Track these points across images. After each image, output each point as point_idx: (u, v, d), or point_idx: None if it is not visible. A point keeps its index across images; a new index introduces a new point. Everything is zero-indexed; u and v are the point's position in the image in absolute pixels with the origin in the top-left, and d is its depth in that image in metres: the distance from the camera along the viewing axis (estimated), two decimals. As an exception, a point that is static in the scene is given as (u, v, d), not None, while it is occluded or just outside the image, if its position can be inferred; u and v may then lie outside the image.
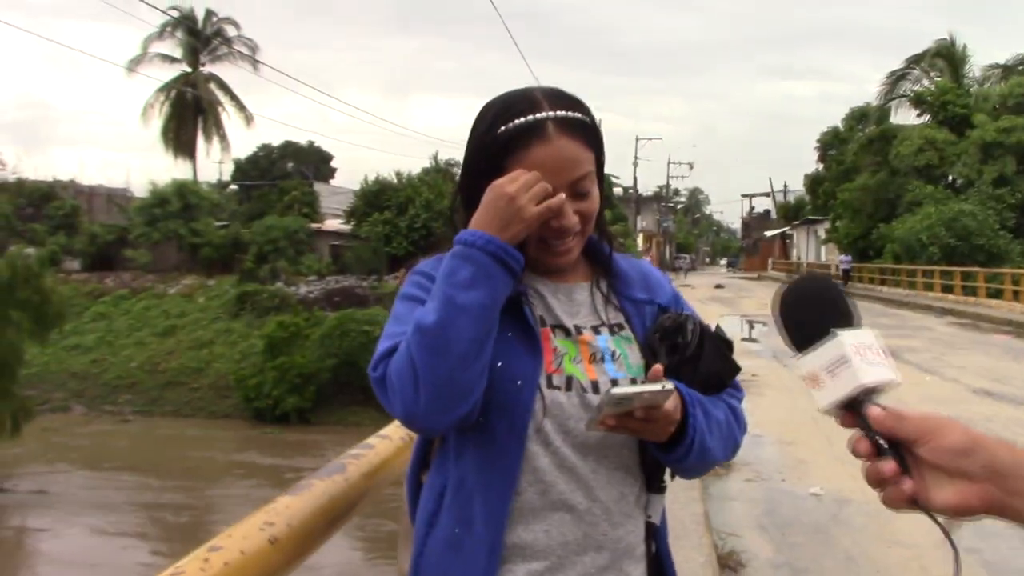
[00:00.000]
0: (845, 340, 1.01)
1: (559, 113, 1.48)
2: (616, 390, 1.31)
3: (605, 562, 1.49)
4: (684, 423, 1.45)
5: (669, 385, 1.35)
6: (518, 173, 1.41)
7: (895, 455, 0.97)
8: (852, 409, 1.00)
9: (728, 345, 1.59)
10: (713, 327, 1.60)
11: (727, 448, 1.58)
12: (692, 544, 4.63)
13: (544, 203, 1.41)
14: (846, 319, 1.05)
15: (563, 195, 1.43)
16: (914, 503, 0.95)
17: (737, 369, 1.61)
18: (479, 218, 1.42)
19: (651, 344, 1.55)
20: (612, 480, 1.50)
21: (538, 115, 1.46)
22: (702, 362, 1.52)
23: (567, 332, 1.53)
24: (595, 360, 1.51)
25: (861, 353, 1.01)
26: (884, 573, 4.93)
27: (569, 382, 1.48)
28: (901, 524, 5.74)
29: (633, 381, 1.49)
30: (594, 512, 1.48)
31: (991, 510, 0.94)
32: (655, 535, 1.60)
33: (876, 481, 0.97)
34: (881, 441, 0.97)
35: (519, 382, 1.43)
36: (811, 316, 1.06)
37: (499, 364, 1.42)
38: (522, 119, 1.46)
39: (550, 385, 1.46)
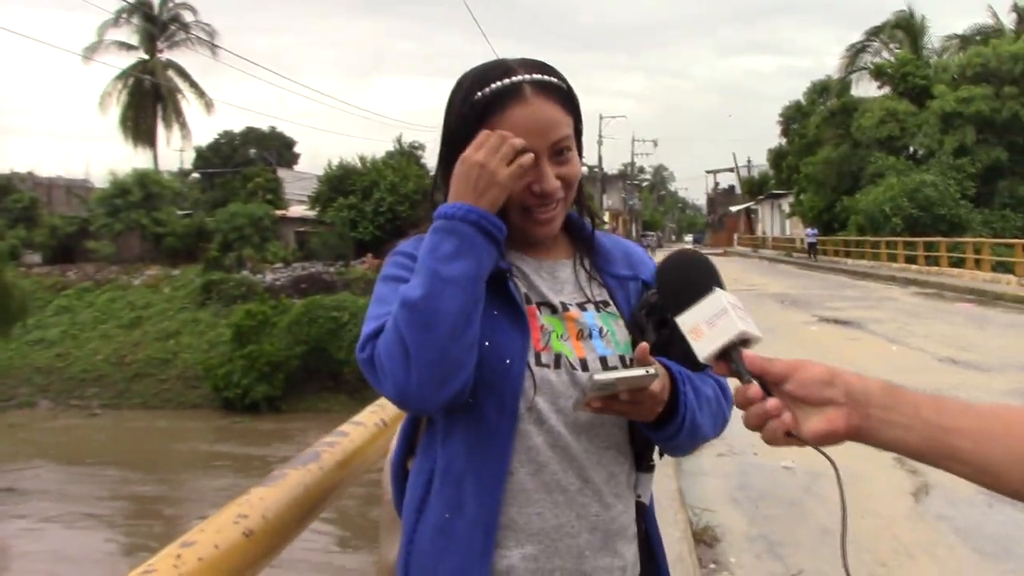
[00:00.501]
0: (722, 296, 1.17)
1: (535, 76, 1.47)
2: (598, 376, 1.30)
3: (599, 543, 1.48)
4: (675, 401, 1.44)
5: (653, 369, 1.34)
6: (483, 137, 1.40)
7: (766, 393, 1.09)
8: (725, 359, 1.13)
9: None
10: None
11: (716, 424, 1.57)
12: (668, 520, 4.64)
13: (515, 162, 1.39)
14: (717, 285, 1.20)
15: (531, 155, 1.42)
16: (790, 436, 1.06)
17: None
18: (454, 191, 1.40)
19: (638, 321, 1.54)
20: (603, 460, 1.49)
21: (514, 79, 1.46)
22: None
23: (553, 309, 1.51)
24: (583, 337, 1.50)
25: (734, 309, 1.15)
26: (857, 543, 4.96)
27: (558, 360, 1.46)
28: (873, 495, 5.81)
29: (621, 358, 1.49)
30: (586, 493, 1.47)
31: (852, 432, 1.05)
32: (644, 515, 1.59)
33: (744, 404, 1.09)
34: (754, 382, 1.09)
35: (508, 360, 1.41)
36: (688, 284, 1.21)
37: (486, 343, 1.40)
38: (498, 83, 1.46)
39: (539, 363, 1.44)
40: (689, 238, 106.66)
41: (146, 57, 47.05)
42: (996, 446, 1.02)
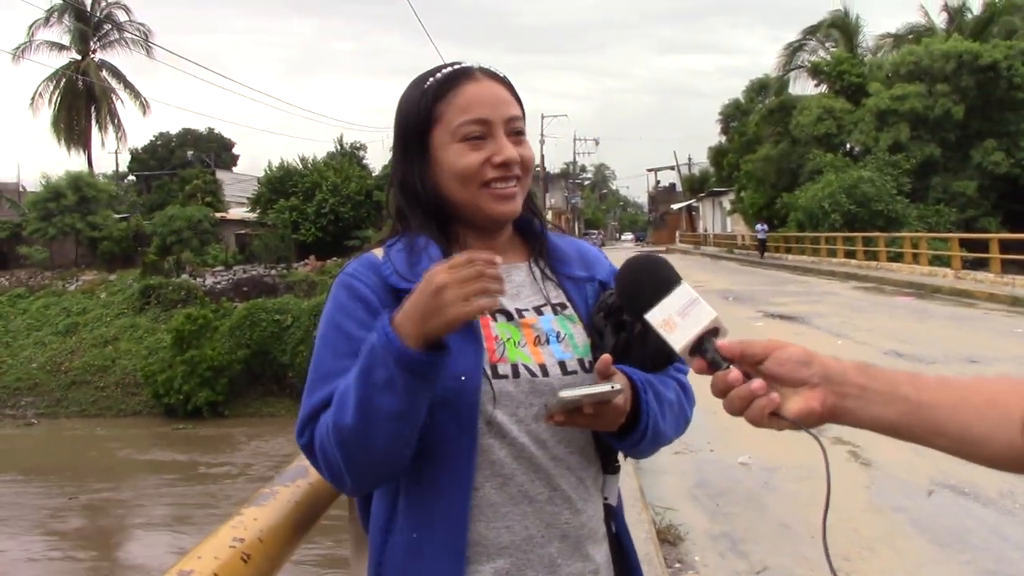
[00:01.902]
0: (690, 288, 1.17)
1: (482, 64, 1.52)
2: (564, 393, 1.29)
3: (570, 550, 1.47)
4: (637, 409, 1.43)
5: (618, 385, 1.33)
6: (458, 259, 1.26)
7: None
8: (699, 352, 1.12)
9: None
10: None
11: (679, 427, 1.58)
12: (631, 520, 4.57)
13: (476, 302, 1.25)
14: (676, 279, 1.20)
15: (495, 300, 1.28)
16: (774, 416, 1.05)
17: None
18: (406, 306, 1.28)
19: (596, 324, 1.51)
20: (570, 466, 1.47)
21: (464, 65, 1.51)
22: (649, 339, 1.44)
23: (508, 316, 1.48)
24: (540, 343, 1.47)
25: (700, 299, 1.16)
26: (819, 537, 4.97)
27: (516, 369, 1.43)
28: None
29: (580, 362, 1.47)
30: (555, 501, 1.45)
31: (829, 412, 1.06)
32: (613, 516, 1.58)
33: (725, 389, 1.07)
34: (732, 368, 1.08)
35: (463, 377, 1.38)
36: (652, 282, 1.19)
37: None
38: (449, 68, 1.50)
39: (496, 375, 1.41)
40: (628, 236, 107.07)
41: (79, 57, 45.93)
42: (976, 417, 1.03)
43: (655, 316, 1.16)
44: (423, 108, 1.47)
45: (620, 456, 1.58)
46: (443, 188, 1.48)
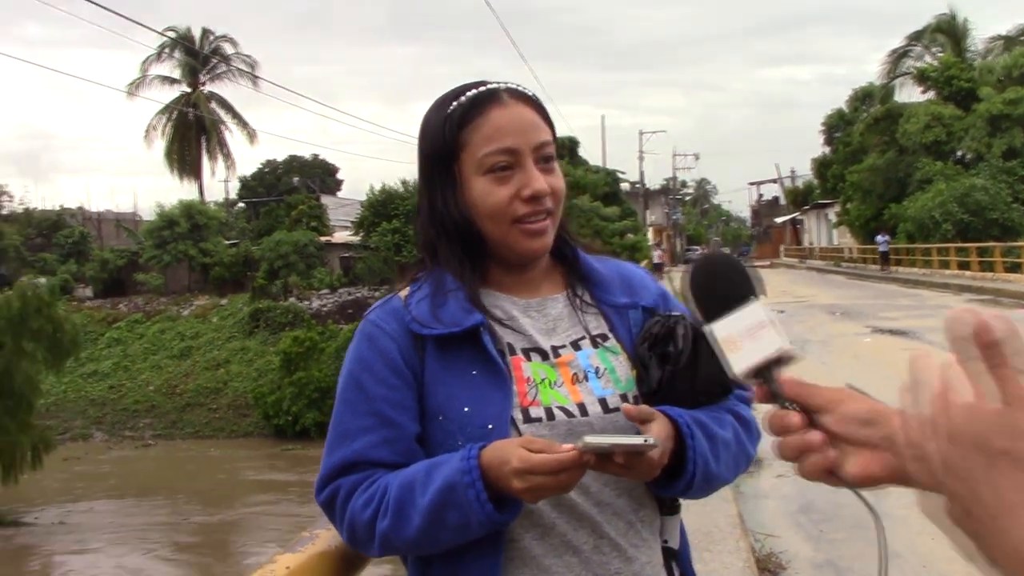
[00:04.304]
0: (763, 306, 1.01)
1: (510, 84, 1.42)
2: (589, 439, 1.19)
3: None
4: (682, 456, 1.32)
5: (652, 439, 1.21)
6: (539, 464, 1.20)
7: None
8: (760, 379, 0.97)
9: None
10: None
11: (738, 467, 1.46)
12: (729, 548, 4.45)
13: (536, 488, 1.22)
14: (752, 292, 1.03)
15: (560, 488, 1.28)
16: (830, 473, 0.91)
17: None
18: (494, 455, 1.24)
19: (640, 355, 1.41)
20: (618, 510, 1.37)
21: (489, 86, 1.40)
22: (699, 368, 1.36)
23: (543, 355, 1.39)
24: (578, 380, 1.38)
25: (774, 321, 0.99)
26: (930, 568, 4.73)
27: (550, 412, 1.34)
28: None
29: (623, 397, 1.38)
30: (603, 550, 1.35)
31: (896, 477, 0.90)
32: (676, 559, 1.47)
33: (781, 431, 0.93)
34: (792, 407, 0.93)
35: (490, 426, 1.30)
36: (723, 289, 1.03)
37: (465, 409, 1.31)
38: (474, 91, 1.40)
39: (528, 419, 1.33)
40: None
41: (189, 90, 47.67)
42: None
43: (719, 330, 1.00)
44: (447, 135, 1.39)
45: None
46: (472, 220, 1.40)
